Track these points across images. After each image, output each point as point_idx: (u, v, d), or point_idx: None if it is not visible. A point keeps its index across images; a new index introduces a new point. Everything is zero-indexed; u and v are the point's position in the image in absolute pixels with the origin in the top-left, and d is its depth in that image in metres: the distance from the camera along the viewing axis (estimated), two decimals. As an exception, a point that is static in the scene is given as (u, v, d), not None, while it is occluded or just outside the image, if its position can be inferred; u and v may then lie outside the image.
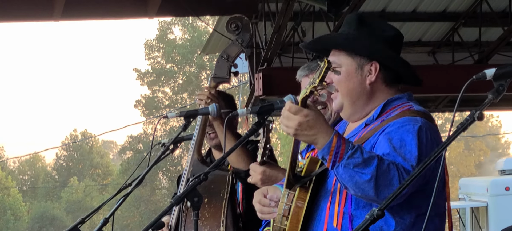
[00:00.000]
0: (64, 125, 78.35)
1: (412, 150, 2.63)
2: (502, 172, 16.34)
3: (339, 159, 2.58)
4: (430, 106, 10.95)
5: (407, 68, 2.85)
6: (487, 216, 14.87)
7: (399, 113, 2.76)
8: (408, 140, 2.64)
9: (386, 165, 2.57)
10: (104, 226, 3.37)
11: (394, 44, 2.85)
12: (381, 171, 2.56)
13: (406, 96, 2.84)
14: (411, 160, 2.61)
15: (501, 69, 2.20)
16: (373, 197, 2.59)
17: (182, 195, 3.01)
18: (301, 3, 8.68)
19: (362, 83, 2.80)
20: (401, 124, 2.69)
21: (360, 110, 2.85)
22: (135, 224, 41.07)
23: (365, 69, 2.80)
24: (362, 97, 2.82)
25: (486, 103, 2.18)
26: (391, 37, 2.84)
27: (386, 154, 2.63)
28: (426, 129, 2.69)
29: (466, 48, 10.01)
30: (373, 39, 2.82)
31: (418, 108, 2.78)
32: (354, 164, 2.56)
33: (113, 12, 8.85)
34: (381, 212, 2.09)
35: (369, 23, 2.85)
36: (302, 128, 2.61)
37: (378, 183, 2.56)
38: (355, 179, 2.57)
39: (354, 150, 2.57)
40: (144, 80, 45.08)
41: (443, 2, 9.51)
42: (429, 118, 2.77)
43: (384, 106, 2.81)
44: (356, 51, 2.81)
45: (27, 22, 10.18)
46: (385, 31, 2.85)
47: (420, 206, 2.71)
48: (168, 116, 3.87)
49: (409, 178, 2.20)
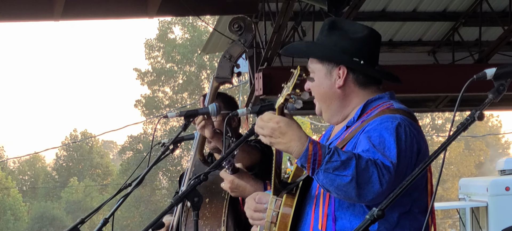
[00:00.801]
0: (64, 125, 78.49)
1: (391, 146, 2.65)
2: (502, 172, 16.33)
3: (318, 165, 2.60)
4: (430, 106, 10.96)
5: (375, 69, 2.88)
6: (487, 216, 14.87)
7: (378, 112, 2.79)
8: (386, 136, 2.67)
9: (365, 163, 2.59)
10: (104, 226, 3.37)
11: (366, 45, 2.87)
12: (360, 170, 2.57)
13: (388, 95, 2.88)
14: (390, 156, 2.63)
15: (501, 69, 2.21)
16: (355, 197, 2.61)
17: (182, 195, 3.02)
18: (301, 3, 8.67)
19: (332, 88, 2.85)
20: (380, 121, 2.73)
21: (337, 113, 2.90)
22: (135, 224, 41.07)
23: (334, 74, 2.85)
24: (335, 101, 2.87)
25: (486, 103, 2.18)
26: (361, 39, 2.86)
27: (366, 150, 2.65)
28: (405, 125, 2.72)
29: (466, 47, 10.00)
30: (342, 43, 2.85)
31: (398, 106, 2.82)
32: (333, 167, 2.58)
33: (113, 11, 8.84)
34: (382, 212, 2.10)
35: (340, 27, 2.88)
36: (275, 135, 2.64)
37: (358, 183, 2.57)
38: (336, 182, 2.59)
39: (332, 153, 2.59)
40: (144, 80, 45.08)
41: (443, 2, 9.51)
42: (409, 115, 2.80)
43: (364, 107, 2.85)
44: (322, 58, 2.87)
45: (27, 22, 10.15)
46: (355, 33, 2.87)
47: (404, 205, 2.73)
48: (168, 115, 3.87)
49: (410, 177, 2.19)
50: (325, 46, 2.88)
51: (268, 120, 2.66)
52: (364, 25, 2.93)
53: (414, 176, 2.18)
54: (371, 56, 2.89)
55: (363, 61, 2.85)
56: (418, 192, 2.78)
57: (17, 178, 47.64)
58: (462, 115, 16.78)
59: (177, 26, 45.12)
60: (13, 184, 44.79)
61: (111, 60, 79.79)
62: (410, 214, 2.76)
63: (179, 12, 10.30)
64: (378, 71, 2.90)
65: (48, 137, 71.25)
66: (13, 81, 72.70)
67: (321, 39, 2.90)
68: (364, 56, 2.86)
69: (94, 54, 78.20)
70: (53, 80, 74.03)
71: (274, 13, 8.87)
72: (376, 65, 2.90)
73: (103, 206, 3.75)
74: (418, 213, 2.77)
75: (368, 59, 2.87)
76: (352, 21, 2.93)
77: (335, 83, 2.85)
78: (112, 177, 46.16)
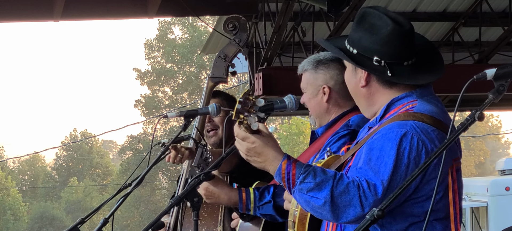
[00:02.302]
0: (64, 125, 78.59)
1: (388, 161, 2.53)
2: (502, 172, 16.31)
3: (292, 185, 2.57)
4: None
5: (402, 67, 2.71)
6: (487, 216, 14.84)
7: (394, 117, 2.66)
8: (386, 149, 2.56)
9: (344, 185, 2.51)
10: (104, 226, 3.36)
11: (389, 42, 2.70)
12: (337, 193, 2.50)
13: (418, 92, 2.71)
14: (383, 173, 2.52)
15: (501, 69, 2.21)
16: (332, 220, 2.57)
17: (182, 195, 3.01)
18: (301, 3, 8.69)
19: (357, 85, 2.79)
20: (386, 131, 2.61)
21: (366, 110, 2.81)
22: (135, 224, 41.09)
23: (359, 72, 2.78)
24: (361, 98, 2.80)
25: (486, 103, 2.18)
26: (385, 36, 2.70)
27: (359, 168, 2.57)
28: (413, 135, 2.57)
29: (466, 48, 10.02)
30: (365, 41, 2.73)
31: (418, 110, 2.64)
32: (307, 188, 2.54)
33: (113, 12, 8.87)
34: (382, 212, 2.08)
35: (368, 21, 2.75)
36: (250, 154, 2.64)
37: (334, 206, 2.51)
38: (311, 204, 2.55)
39: (306, 174, 2.55)
40: (144, 80, 45.11)
41: (443, 2, 9.54)
42: (428, 120, 2.62)
43: (388, 107, 2.73)
44: (345, 58, 2.80)
45: (27, 22, 10.18)
46: (380, 29, 2.72)
47: (415, 215, 2.61)
48: (168, 115, 3.86)
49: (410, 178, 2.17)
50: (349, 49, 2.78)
51: (243, 139, 2.64)
52: (391, 17, 2.74)
53: (414, 175, 2.15)
54: (397, 54, 2.71)
55: (385, 61, 2.70)
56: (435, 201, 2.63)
57: (17, 178, 47.67)
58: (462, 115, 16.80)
59: (177, 27, 45.17)
60: (13, 184, 44.82)
61: (111, 60, 79.94)
62: (423, 222, 2.60)
63: (179, 13, 10.31)
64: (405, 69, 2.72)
65: (48, 136, 71.39)
66: (13, 81, 72.79)
67: (350, 33, 2.81)
68: (387, 54, 2.70)
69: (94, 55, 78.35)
70: (53, 80, 74.17)
71: (274, 13, 8.90)
72: (405, 60, 2.72)
73: (103, 206, 3.72)
74: (434, 221, 2.64)
75: (393, 57, 2.70)
76: (381, 13, 2.73)
77: (360, 82, 2.77)
78: (112, 177, 46.18)
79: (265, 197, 3.52)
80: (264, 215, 3.54)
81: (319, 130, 3.52)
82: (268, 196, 3.52)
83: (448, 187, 2.64)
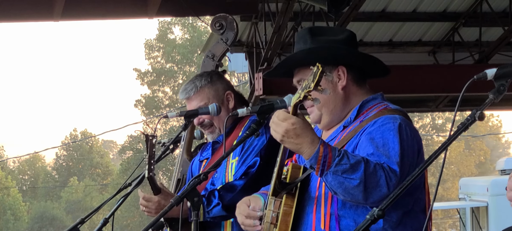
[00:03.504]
0: (64, 125, 78.56)
1: (395, 147, 2.69)
2: (502, 172, 16.35)
3: (327, 167, 2.62)
4: (431, 106, 11.00)
5: (370, 60, 2.93)
6: (488, 216, 14.88)
7: (377, 113, 2.82)
8: (390, 137, 2.71)
9: (373, 167, 2.63)
10: (104, 226, 3.37)
11: (350, 45, 2.92)
12: (368, 174, 2.61)
13: (380, 96, 2.93)
14: (395, 156, 2.68)
15: (502, 69, 2.22)
16: (362, 200, 2.65)
17: (182, 195, 3.01)
18: (301, 3, 8.69)
19: (335, 90, 2.87)
20: (382, 122, 2.76)
21: (337, 117, 2.90)
22: (135, 224, 41.10)
23: (334, 76, 2.87)
24: (339, 103, 2.88)
25: (487, 103, 2.19)
26: (345, 39, 2.91)
27: (371, 154, 2.69)
28: (405, 125, 2.77)
29: (467, 48, 10.05)
30: (333, 45, 2.88)
31: (394, 107, 2.86)
32: (342, 170, 2.61)
33: (113, 12, 8.84)
34: (382, 212, 2.12)
35: (321, 33, 2.92)
36: (288, 135, 2.65)
37: (366, 186, 2.61)
38: (344, 185, 2.62)
39: (341, 157, 2.62)
40: (144, 80, 45.13)
41: (443, 2, 9.55)
42: (406, 115, 2.85)
43: (360, 107, 2.88)
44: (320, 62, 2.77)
45: (27, 22, 10.20)
46: (337, 35, 2.92)
47: (406, 204, 2.78)
48: (168, 115, 3.88)
49: (410, 177, 2.20)
50: (319, 50, 2.88)
51: (284, 120, 2.66)
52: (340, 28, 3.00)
53: (414, 176, 2.18)
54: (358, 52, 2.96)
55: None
56: (419, 191, 2.82)
57: (17, 177, 47.70)
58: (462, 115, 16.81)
59: (177, 27, 45.19)
60: (13, 184, 44.85)
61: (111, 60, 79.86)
62: (412, 212, 2.80)
63: (179, 13, 10.31)
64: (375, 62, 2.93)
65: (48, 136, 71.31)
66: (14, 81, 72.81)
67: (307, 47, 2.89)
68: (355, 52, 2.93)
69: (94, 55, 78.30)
70: (53, 80, 74.16)
71: (274, 13, 8.90)
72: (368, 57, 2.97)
73: (103, 205, 3.75)
74: (419, 212, 2.82)
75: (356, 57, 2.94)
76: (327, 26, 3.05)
77: (338, 85, 2.87)
78: (112, 176, 46.21)
79: (213, 202, 3.59)
80: (214, 218, 3.62)
81: (220, 138, 3.71)
82: (215, 200, 3.59)
83: (425, 179, 2.85)
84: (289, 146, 2.70)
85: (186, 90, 3.81)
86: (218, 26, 4.23)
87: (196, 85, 3.76)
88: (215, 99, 3.72)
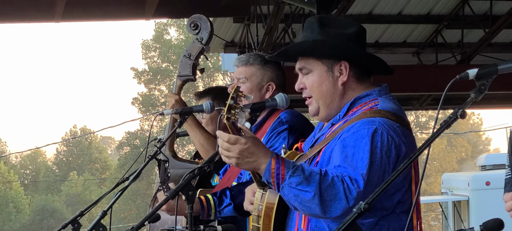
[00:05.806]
0: (64, 121, 78.22)
1: (364, 156, 2.57)
2: (483, 168, 16.44)
3: (282, 180, 2.54)
4: (415, 105, 11.08)
5: (375, 60, 2.82)
6: (469, 210, 14.96)
7: (360, 114, 2.70)
8: (361, 146, 2.59)
9: (330, 179, 2.53)
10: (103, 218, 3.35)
11: (358, 40, 2.79)
12: (324, 186, 2.52)
13: (376, 91, 2.78)
14: (362, 168, 2.56)
15: (483, 69, 2.22)
16: (320, 214, 2.55)
17: (177, 188, 2.98)
18: (292, 6, 8.75)
19: (335, 84, 2.77)
20: (357, 128, 2.64)
21: (335, 111, 2.80)
22: (132, 217, 41.09)
23: (335, 70, 2.76)
24: (337, 98, 2.78)
25: (468, 102, 2.19)
26: (354, 33, 2.78)
27: (337, 166, 2.60)
28: (382, 131, 2.63)
29: (449, 49, 10.16)
30: (337, 38, 2.77)
31: (382, 107, 2.71)
32: (296, 182, 2.53)
33: (112, 13, 8.89)
34: (368, 205, 2.08)
35: (330, 24, 2.80)
36: (243, 155, 2.57)
37: (322, 199, 2.52)
38: (300, 198, 2.53)
39: (295, 169, 2.54)
40: (141, 78, 45.14)
41: (427, 5, 9.65)
42: (393, 116, 2.69)
43: (351, 104, 2.76)
44: (323, 54, 2.77)
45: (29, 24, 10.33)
46: (347, 28, 2.79)
47: (385, 209, 2.67)
48: (164, 112, 3.85)
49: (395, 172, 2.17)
50: (325, 43, 2.77)
51: (235, 142, 2.56)
52: (350, 20, 2.88)
53: (399, 171, 2.15)
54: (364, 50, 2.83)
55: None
56: (401, 193, 2.70)
57: (19, 172, 47.57)
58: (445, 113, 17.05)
59: (173, 28, 45.14)
60: (15, 178, 44.74)
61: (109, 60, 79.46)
62: (392, 214, 2.69)
63: (175, 15, 10.40)
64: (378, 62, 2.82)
65: (49, 132, 70.97)
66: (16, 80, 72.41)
67: (315, 38, 2.78)
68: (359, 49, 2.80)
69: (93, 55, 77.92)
70: (54, 79, 73.82)
71: (265, 15, 9.00)
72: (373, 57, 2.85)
73: (101, 199, 3.67)
74: (401, 213, 2.70)
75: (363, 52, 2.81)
76: (338, 17, 2.92)
77: (338, 80, 2.76)
78: (110, 171, 46.22)
79: (224, 201, 3.54)
80: (225, 218, 3.57)
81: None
82: (227, 200, 3.54)
83: (412, 180, 2.72)
84: (246, 167, 2.61)
85: (240, 59, 3.74)
86: (193, 27, 4.21)
87: (249, 59, 3.69)
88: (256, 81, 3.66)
